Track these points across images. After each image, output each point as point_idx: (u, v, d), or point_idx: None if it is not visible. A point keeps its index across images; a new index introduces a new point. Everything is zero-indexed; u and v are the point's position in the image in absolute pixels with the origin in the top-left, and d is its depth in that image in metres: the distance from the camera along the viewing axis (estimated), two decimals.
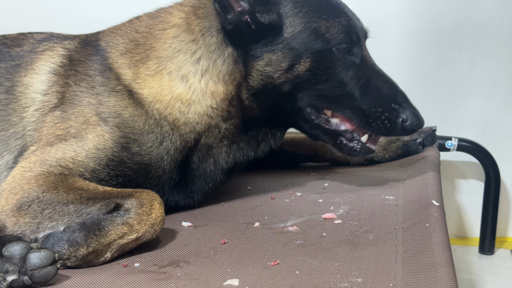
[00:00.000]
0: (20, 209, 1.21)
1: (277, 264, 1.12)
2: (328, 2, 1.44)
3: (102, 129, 1.35)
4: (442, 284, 0.96)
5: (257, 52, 1.40)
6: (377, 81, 1.43)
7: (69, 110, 1.39)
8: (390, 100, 1.42)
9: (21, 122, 1.43)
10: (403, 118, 1.41)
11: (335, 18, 1.40)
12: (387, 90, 1.43)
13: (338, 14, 1.42)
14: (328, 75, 1.40)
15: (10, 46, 1.57)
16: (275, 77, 1.40)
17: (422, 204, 1.36)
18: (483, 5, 2.15)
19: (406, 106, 1.43)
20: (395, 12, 2.22)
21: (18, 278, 1.03)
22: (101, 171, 1.32)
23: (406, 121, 1.41)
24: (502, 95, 2.22)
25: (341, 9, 1.44)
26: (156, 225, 1.21)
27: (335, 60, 1.40)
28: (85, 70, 1.45)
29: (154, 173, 1.39)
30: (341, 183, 1.66)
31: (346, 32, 1.40)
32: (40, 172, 1.27)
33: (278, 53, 1.39)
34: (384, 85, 1.43)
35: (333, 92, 1.42)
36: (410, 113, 1.42)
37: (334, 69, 1.40)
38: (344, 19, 1.42)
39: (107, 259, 1.16)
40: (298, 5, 1.40)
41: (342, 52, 1.40)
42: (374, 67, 1.46)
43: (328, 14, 1.40)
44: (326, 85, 1.41)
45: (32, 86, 1.46)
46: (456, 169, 2.33)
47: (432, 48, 2.23)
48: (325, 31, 1.39)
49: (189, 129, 1.41)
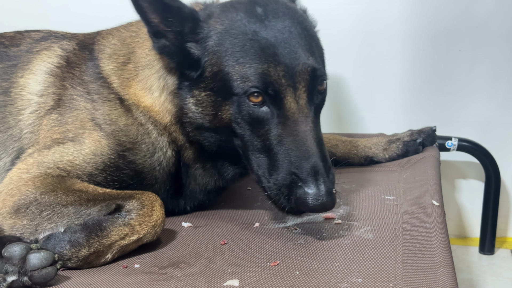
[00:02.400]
0: (17, 211, 1.21)
1: (277, 265, 1.12)
2: (255, 41, 1.23)
3: (98, 135, 1.34)
4: (442, 284, 0.96)
5: (191, 86, 1.31)
6: (290, 142, 1.21)
7: (66, 114, 1.39)
8: (294, 168, 1.19)
9: (18, 125, 1.43)
10: (298, 195, 1.17)
11: (252, 64, 1.21)
12: (294, 157, 1.19)
13: (258, 58, 1.21)
14: (247, 126, 1.25)
15: (7, 46, 1.56)
16: (204, 121, 1.31)
17: (422, 204, 1.36)
18: (483, 5, 2.15)
19: (310, 181, 1.17)
20: (395, 12, 2.21)
21: (18, 278, 1.03)
22: (98, 175, 1.32)
23: (298, 200, 1.17)
24: (502, 95, 2.22)
25: (268, 51, 1.22)
26: (157, 227, 1.21)
27: (250, 111, 1.23)
28: (81, 75, 1.44)
29: (148, 181, 1.39)
30: (341, 183, 1.65)
31: (262, 82, 1.20)
32: (38, 174, 1.27)
33: (203, 93, 1.29)
34: (295, 149, 1.20)
35: (254, 144, 1.26)
36: (308, 192, 1.16)
37: (250, 121, 1.24)
38: (262, 66, 1.20)
39: (107, 260, 1.16)
40: (219, 42, 1.26)
41: (258, 104, 1.22)
42: (296, 123, 1.21)
43: (247, 58, 1.22)
44: (247, 135, 1.27)
45: (28, 87, 1.46)
46: (456, 169, 2.33)
47: (432, 48, 2.23)
48: (238, 78, 1.22)
49: (167, 141, 1.39)
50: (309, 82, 1.24)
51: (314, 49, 1.29)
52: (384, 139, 1.86)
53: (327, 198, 1.16)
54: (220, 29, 1.26)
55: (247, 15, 1.26)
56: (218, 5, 1.34)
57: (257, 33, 1.24)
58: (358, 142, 1.86)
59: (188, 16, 1.28)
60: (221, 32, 1.26)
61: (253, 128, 1.25)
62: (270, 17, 1.26)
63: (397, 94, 2.29)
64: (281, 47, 1.22)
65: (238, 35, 1.24)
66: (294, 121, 1.22)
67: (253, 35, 1.23)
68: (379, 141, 1.86)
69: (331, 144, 1.85)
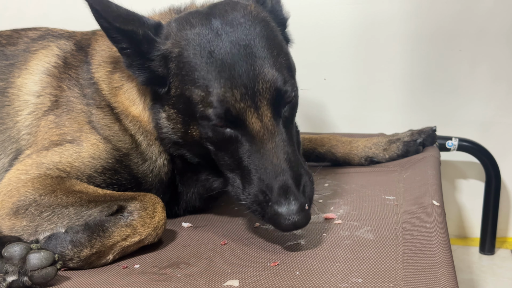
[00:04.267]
0: (16, 212, 1.21)
1: (277, 265, 1.12)
2: (211, 63, 1.19)
3: (96, 138, 1.34)
4: (443, 284, 0.96)
5: (162, 101, 1.30)
6: (258, 160, 1.18)
7: (63, 116, 1.39)
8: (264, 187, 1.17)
9: (16, 126, 1.42)
10: (269, 215, 1.16)
11: (209, 89, 1.18)
12: (264, 175, 1.17)
13: (216, 83, 1.17)
14: (215, 145, 1.25)
15: (4, 45, 1.55)
16: (177, 136, 1.30)
17: (422, 204, 1.36)
18: (483, 5, 2.15)
19: (280, 201, 1.14)
20: (395, 12, 2.21)
21: (18, 278, 1.03)
22: (97, 177, 1.32)
23: (271, 220, 1.16)
24: (502, 95, 2.22)
25: (224, 74, 1.18)
26: (159, 228, 1.21)
27: (215, 133, 1.21)
28: (78, 78, 1.44)
29: (145, 186, 1.39)
30: (341, 183, 1.65)
31: (220, 108, 1.17)
32: (37, 175, 1.27)
33: (172, 110, 1.29)
34: (263, 168, 1.17)
35: (225, 160, 1.26)
36: (279, 213, 1.13)
37: (217, 142, 1.23)
38: (219, 91, 1.17)
39: (108, 261, 1.16)
40: (178, 66, 1.23)
41: (221, 127, 1.20)
42: (262, 142, 1.19)
43: (204, 82, 1.18)
44: (217, 153, 1.26)
45: (25, 87, 1.45)
46: (457, 169, 2.33)
47: (432, 48, 2.23)
48: (199, 102, 1.20)
49: (158, 151, 1.39)
50: (271, 99, 1.19)
51: (276, 58, 1.22)
52: (384, 139, 1.86)
53: (298, 216, 1.13)
54: (177, 52, 1.23)
55: (202, 32, 1.22)
56: (175, 22, 1.28)
57: (212, 53, 1.19)
58: (358, 142, 1.85)
59: (142, 39, 1.25)
60: (179, 55, 1.23)
61: (222, 147, 1.24)
62: (228, 28, 1.22)
63: (397, 94, 2.29)
64: (238, 65, 1.18)
65: (195, 58, 1.20)
66: (260, 140, 1.19)
67: (208, 57, 1.19)
68: (379, 141, 1.85)
69: (331, 144, 1.85)
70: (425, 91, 2.27)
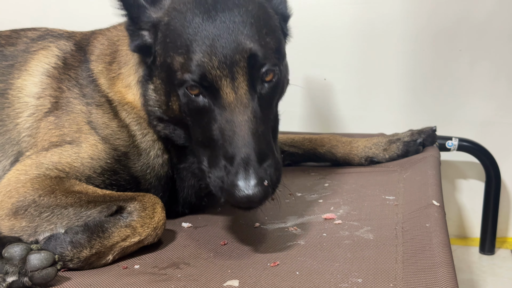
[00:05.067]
0: (16, 213, 1.21)
1: (277, 265, 1.12)
2: (197, 33, 1.19)
3: (94, 139, 1.35)
4: (443, 284, 0.96)
5: (151, 72, 1.32)
6: (227, 132, 1.16)
7: (63, 117, 1.39)
8: (227, 160, 1.14)
9: (16, 128, 1.42)
10: (226, 187, 1.12)
11: (189, 55, 1.18)
12: (229, 147, 1.14)
13: (197, 50, 1.17)
14: (191, 117, 1.24)
15: (3, 45, 1.55)
16: (161, 110, 1.31)
17: (422, 204, 1.36)
18: (483, 5, 2.15)
19: (238, 172, 1.10)
20: (395, 12, 2.21)
21: (18, 279, 1.03)
22: (97, 178, 1.32)
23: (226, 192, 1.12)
24: (502, 95, 2.22)
25: (207, 42, 1.17)
26: (158, 229, 1.21)
27: (189, 102, 1.21)
28: (77, 78, 1.44)
29: (143, 184, 1.39)
30: (341, 183, 1.65)
31: (197, 73, 1.17)
32: (36, 175, 1.27)
33: (158, 80, 1.30)
34: (229, 140, 1.15)
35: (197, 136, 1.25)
36: (234, 184, 1.09)
37: (192, 113, 1.22)
38: (197, 57, 1.17)
39: (108, 261, 1.16)
40: (165, 34, 1.25)
41: (196, 95, 1.19)
42: (233, 113, 1.17)
43: (186, 50, 1.19)
44: (192, 127, 1.25)
45: (25, 89, 1.45)
46: (457, 169, 2.33)
47: (432, 48, 2.23)
48: (178, 69, 1.20)
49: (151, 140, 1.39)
50: (248, 70, 1.18)
51: (263, 38, 1.21)
52: (384, 139, 1.86)
53: (254, 190, 1.08)
54: (166, 20, 1.26)
55: (195, 5, 1.23)
56: None
57: (199, 25, 1.19)
58: (358, 143, 1.86)
59: (133, 3, 1.28)
60: (167, 23, 1.25)
61: (196, 119, 1.23)
62: (219, 6, 1.21)
63: (397, 94, 2.29)
64: (222, 37, 1.17)
65: (181, 27, 1.21)
66: (231, 111, 1.17)
67: (195, 27, 1.19)
68: (379, 141, 1.85)
69: (331, 144, 1.85)
70: (425, 91, 2.27)
